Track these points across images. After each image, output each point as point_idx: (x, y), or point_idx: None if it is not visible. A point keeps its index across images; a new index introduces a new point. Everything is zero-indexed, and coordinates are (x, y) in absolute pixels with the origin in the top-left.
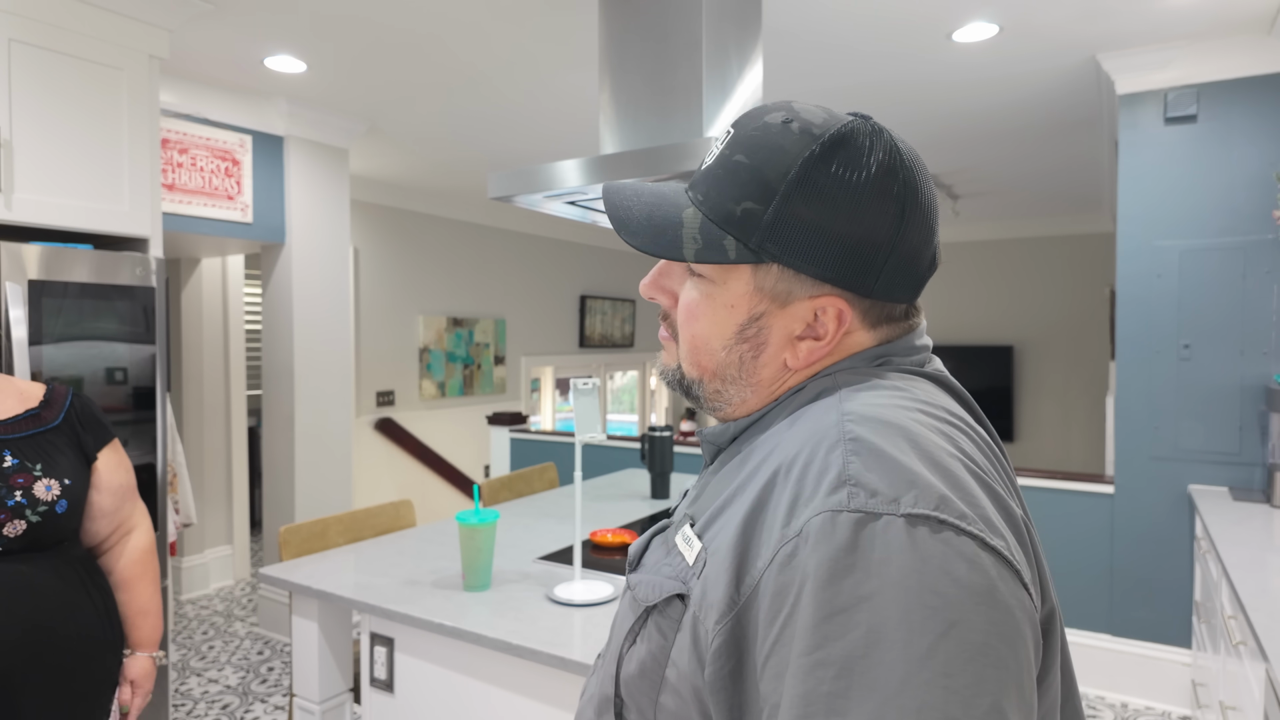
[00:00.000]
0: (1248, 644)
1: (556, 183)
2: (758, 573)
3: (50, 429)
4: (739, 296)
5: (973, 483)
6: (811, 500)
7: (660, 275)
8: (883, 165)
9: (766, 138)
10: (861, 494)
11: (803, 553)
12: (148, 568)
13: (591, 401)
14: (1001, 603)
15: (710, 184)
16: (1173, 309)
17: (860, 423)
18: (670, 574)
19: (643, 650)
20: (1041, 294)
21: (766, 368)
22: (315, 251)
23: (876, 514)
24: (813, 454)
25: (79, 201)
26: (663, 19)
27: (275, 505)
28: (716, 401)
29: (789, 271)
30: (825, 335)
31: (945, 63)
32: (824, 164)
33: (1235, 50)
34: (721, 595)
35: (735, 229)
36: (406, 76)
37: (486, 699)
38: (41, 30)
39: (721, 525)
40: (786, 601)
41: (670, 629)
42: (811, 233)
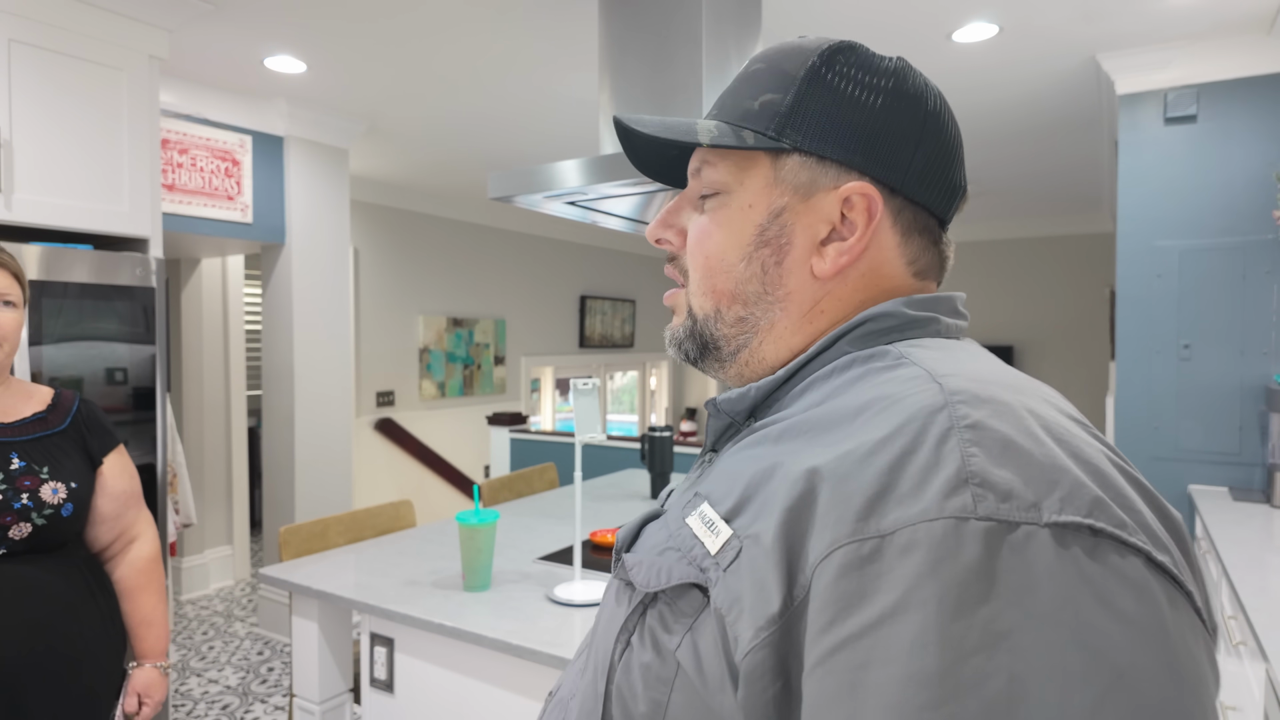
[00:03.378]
0: (1247, 644)
1: (556, 183)
2: (810, 565)
3: (57, 433)
4: (757, 192)
5: (1124, 481)
6: (915, 499)
7: (670, 214)
8: (900, 66)
9: (783, 46)
10: (991, 497)
11: (904, 564)
12: (151, 577)
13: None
14: (1179, 639)
15: (727, 95)
16: (1173, 309)
17: (974, 404)
18: (680, 557)
19: (647, 654)
20: (1041, 294)
21: (792, 275)
22: (315, 252)
23: (1014, 523)
24: (913, 442)
25: (79, 202)
26: (663, 19)
27: (275, 505)
28: (741, 335)
29: (811, 159)
30: (855, 231)
31: (945, 63)
32: (842, 56)
33: (1235, 50)
34: (766, 598)
35: (753, 121)
36: (406, 77)
37: (487, 699)
38: (41, 30)
39: (760, 509)
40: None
41: (680, 625)
42: (834, 116)
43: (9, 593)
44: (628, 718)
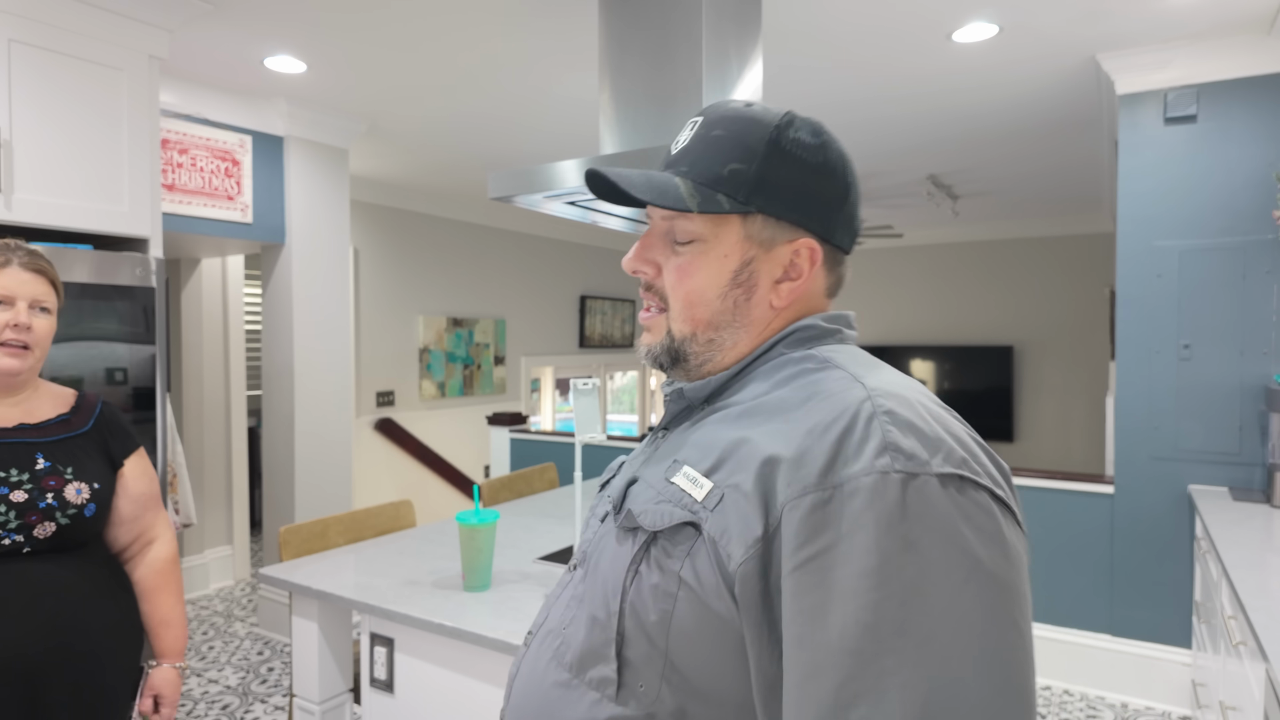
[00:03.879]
0: (1248, 644)
1: (556, 183)
2: (779, 506)
3: (80, 434)
4: (732, 246)
5: (975, 445)
6: (855, 461)
7: (644, 249)
8: (827, 139)
9: (738, 115)
10: (901, 457)
11: (851, 504)
12: (169, 578)
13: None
14: (1010, 539)
15: (694, 157)
16: (1172, 309)
17: (887, 398)
18: (673, 506)
19: (654, 576)
20: (1041, 294)
21: (757, 308)
22: (315, 252)
23: (915, 474)
24: (851, 423)
25: (79, 202)
26: (663, 19)
27: (275, 505)
28: (709, 351)
29: (771, 220)
30: (801, 274)
31: (945, 63)
32: (790, 131)
33: (1235, 50)
34: (749, 526)
35: (725, 186)
36: (406, 76)
37: (487, 699)
38: (41, 30)
39: (735, 467)
40: (825, 534)
41: (679, 552)
42: (788, 186)
43: (32, 590)
44: (640, 625)
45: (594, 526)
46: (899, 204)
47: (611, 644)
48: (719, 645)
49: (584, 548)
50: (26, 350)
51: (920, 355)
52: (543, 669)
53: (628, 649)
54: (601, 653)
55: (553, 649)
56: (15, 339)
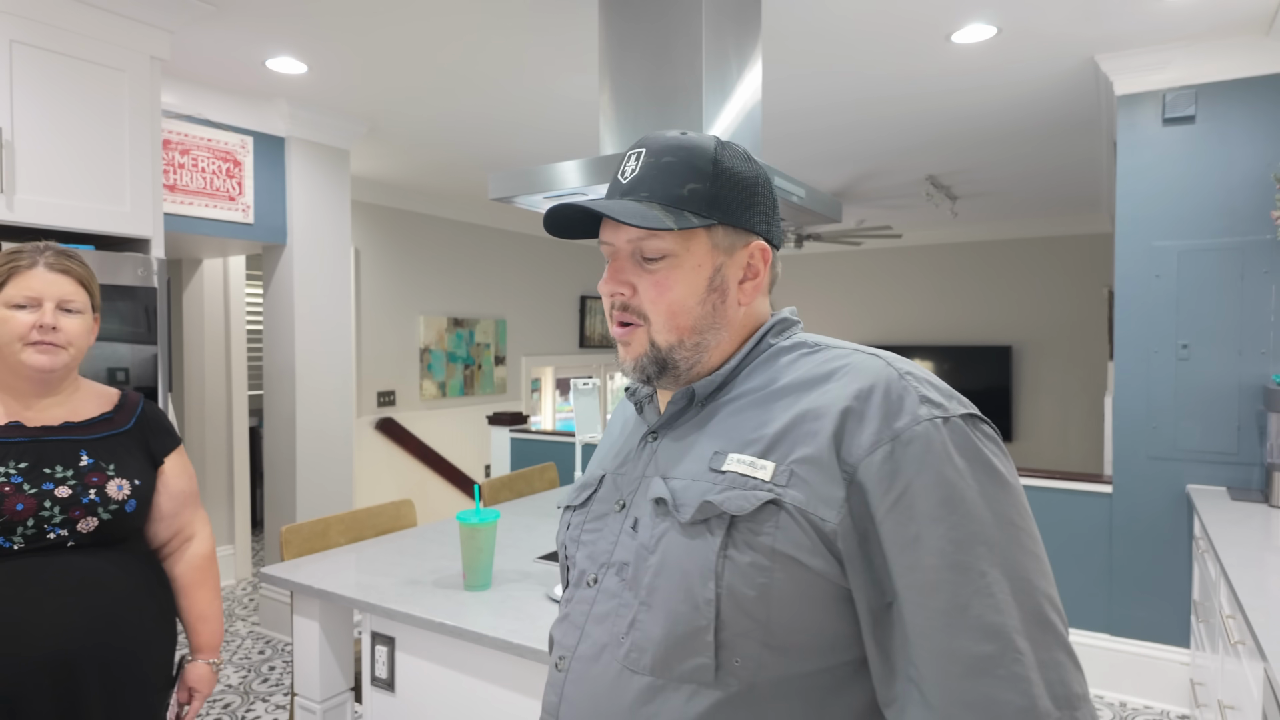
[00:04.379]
0: (1246, 643)
1: (556, 183)
2: (851, 467)
3: (122, 432)
4: (704, 256)
5: None
6: (903, 414)
7: (617, 272)
8: (750, 157)
9: (680, 143)
10: (933, 406)
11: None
12: (208, 574)
13: (591, 401)
14: (1007, 452)
15: (650, 184)
16: (1171, 309)
17: (900, 362)
18: (745, 489)
19: (747, 555)
20: (1040, 294)
21: (730, 308)
22: (316, 252)
23: (947, 417)
24: (888, 386)
25: (81, 202)
26: (663, 19)
27: (276, 505)
28: (696, 354)
29: (730, 228)
30: (758, 272)
31: (944, 64)
32: (725, 151)
33: (1233, 51)
34: (831, 490)
35: (689, 205)
36: (407, 78)
37: (487, 698)
38: (43, 31)
39: (794, 444)
40: (901, 478)
41: (767, 529)
42: (736, 198)
43: (74, 583)
44: (737, 604)
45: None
46: (898, 204)
47: (705, 631)
48: (814, 599)
49: (603, 560)
50: (58, 349)
51: (919, 355)
52: (611, 684)
53: (724, 630)
54: (691, 643)
55: (618, 661)
56: (43, 339)
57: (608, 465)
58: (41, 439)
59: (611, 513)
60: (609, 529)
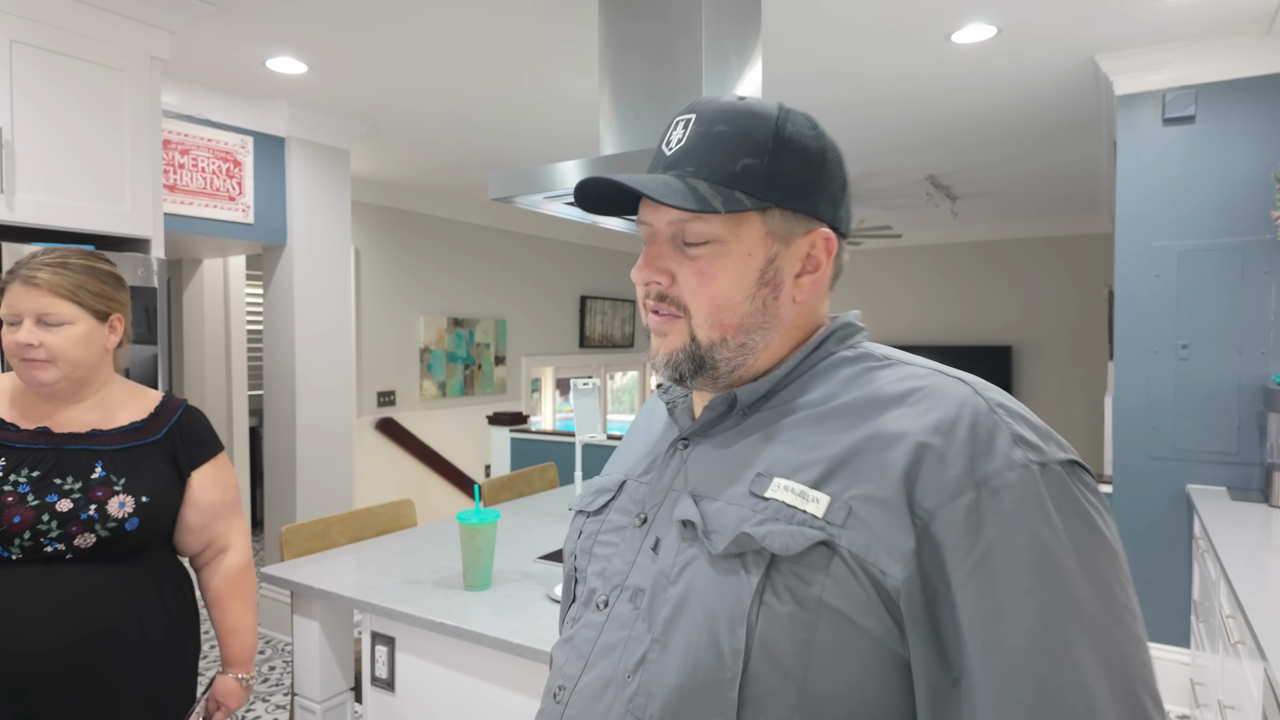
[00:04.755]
0: (1246, 643)
1: (557, 183)
2: (926, 515)
3: (149, 443)
4: (754, 244)
5: None
6: (993, 457)
7: (653, 258)
8: (820, 129)
9: (737, 109)
10: (1029, 449)
11: (1001, 500)
12: (241, 587)
13: (592, 401)
14: (1105, 503)
15: (699, 156)
16: (1171, 309)
17: (988, 390)
18: (792, 524)
19: (788, 605)
20: (1040, 294)
21: (783, 306)
22: (316, 252)
23: (1045, 463)
24: (975, 419)
25: (81, 202)
26: (663, 19)
27: (276, 505)
28: (740, 356)
29: (789, 213)
30: (819, 265)
31: (944, 64)
32: (791, 123)
33: (1233, 51)
34: (898, 538)
35: (740, 184)
36: (408, 78)
37: (487, 698)
38: (43, 31)
39: (855, 476)
40: (985, 534)
41: (815, 576)
42: (799, 178)
43: (70, 593)
44: (770, 659)
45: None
46: (898, 204)
47: (729, 686)
48: (864, 663)
49: (617, 581)
50: (45, 364)
51: (920, 355)
52: None
53: (751, 687)
54: (710, 698)
55: (623, 703)
56: (27, 357)
57: (630, 470)
58: (62, 447)
59: (630, 526)
60: (627, 545)
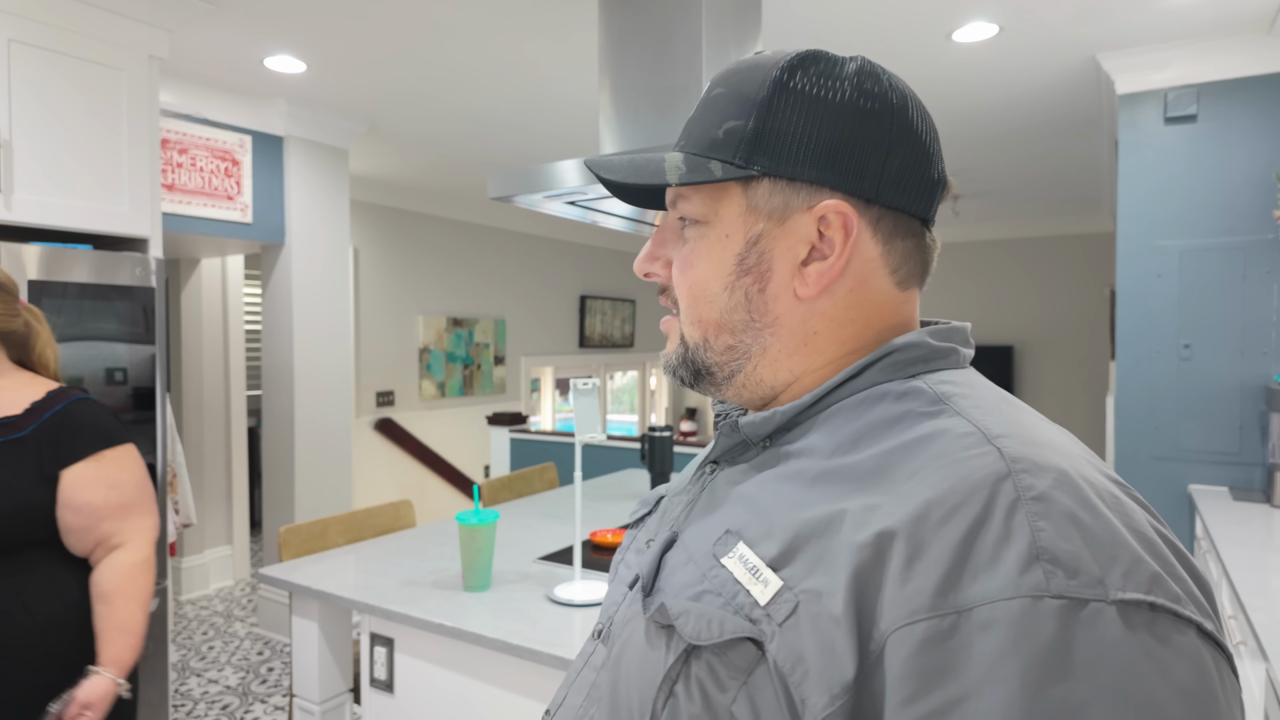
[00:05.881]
0: (1248, 644)
1: (556, 183)
2: (881, 637)
3: (12, 440)
4: (733, 222)
5: (1169, 551)
6: (991, 575)
7: (655, 246)
8: (862, 70)
9: (741, 66)
10: (1060, 574)
11: (983, 641)
12: (130, 584)
13: (591, 401)
14: (1226, 706)
15: (692, 125)
16: (1173, 309)
17: (1038, 474)
18: (723, 604)
19: (695, 706)
20: (1041, 294)
21: (778, 300)
22: (315, 252)
23: (1083, 600)
24: (985, 511)
25: (79, 202)
26: (663, 19)
27: (275, 505)
28: (732, 360)
29: (781, 182)
30: (833, 250)
31: (945, 62)
32: (799, 70)
33: (1235, 50)
34: (837, 662)
35: (720, 150)
36: (406, 77)
37: (487, 699)
38: (41, 30)
39: (816, 561)
40: (946, 684)
41: (734, 682)
42: (798, 136)
43: None
44: None
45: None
46: None
47: None
48: None
49: (610, 613)
50: None
51: None
52: None
53: None
54: None
55: None
56: None
57: (672, 485)
58: None
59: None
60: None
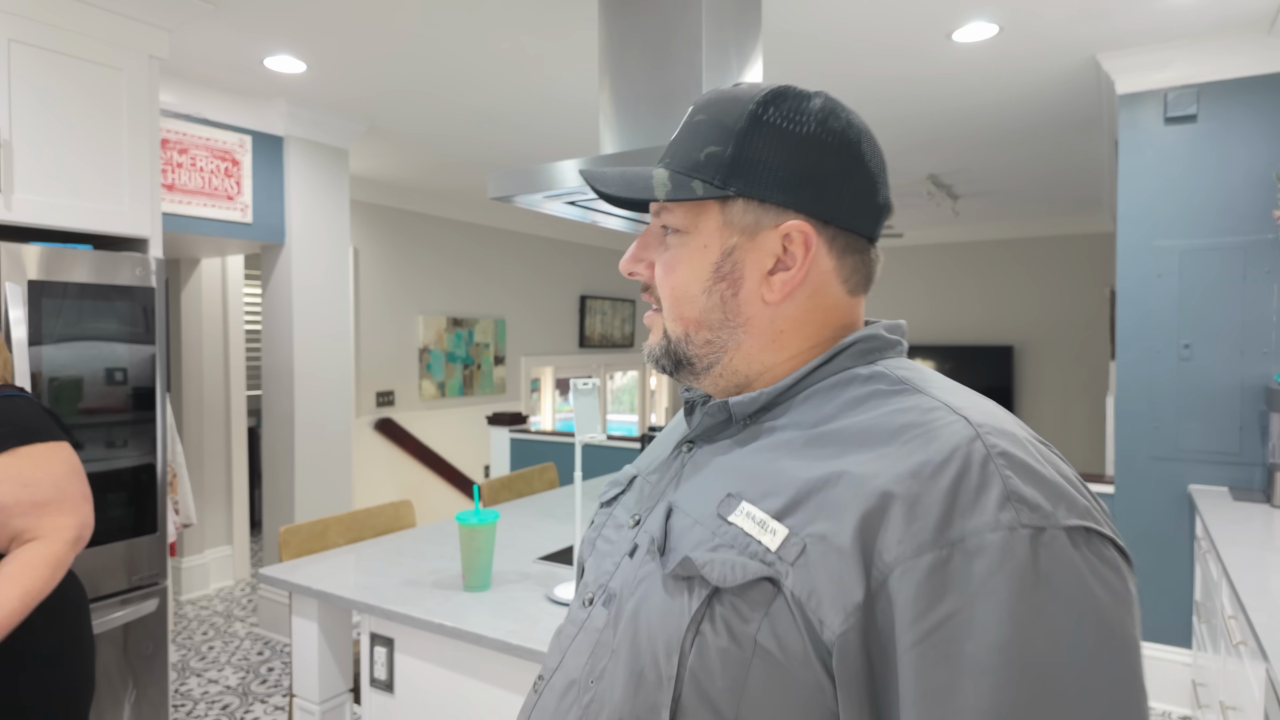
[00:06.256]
0: (1248, 644)
1: (556, 183)
2: (885, 568)
3: None
4: (711, 234)
5: (1083, 485)
6: (975, 513)
7: (639, 249)
8: (825, 108)
9: (720, 96)
10: (1026, 509)
11: (976, 564)
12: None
13: (591, 401)
14: (1133, 598)
15: (676, 146)
16: (1173, 309)
17: (997, 435)
18: (739, 554)
19: (722, 640)
20: (1041, 294)
21: (748, 304)
22: (315, 252)
23: (1043, 528)
24: (965, 466)
25: (79, 202)
26: (663, 19)
27: (275, 505)
28: (710, 353)
29: (753, 203)
30: (795, 263)
31: (945, 63)
32: (772, 105)
33: (1235, 50)
34: (847, 588)
35: (701, 171)
36: (406, 76)
37: (487, 699)
38: (41, 30)
39: (819, 511)
40: (947, 601)
41: (754, 614)
42: (769, 163)
43: None
44: (701, 693)
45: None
46: (899, 204)
47: (663, 710)
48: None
49: (603, 581)
50: None
51: (920, 355)
52: None
53: (683, 717)
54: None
55: (581, 706)
56: None
57: (644, 466)
58: None
59: (627, 526)
60: (619, 545)
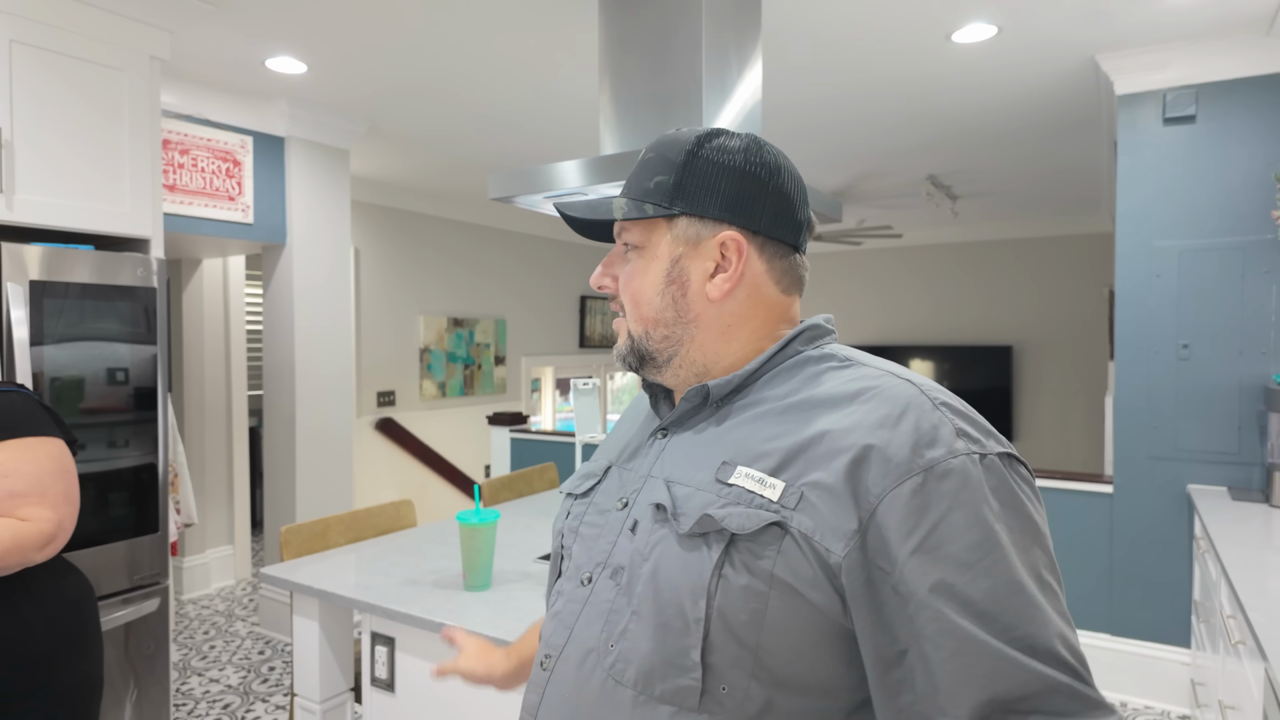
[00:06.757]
0: (1247, 643)
1: (556, 183)
2: (875, 497)
3: None
4: (662, 247)
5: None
6: (937, 444)
7: (606, 266)
8: (748, 145)
9: (666, 138)
10: (970, 441)
11: (945, 484)
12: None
13: (591, 401)
14: (1040, 500)
15: (631, 179)
16: (1172, 309)
17: (935, 391)
18: (749, 506)
19: (743, 578)
20: (1041, 294)
21: (695, 302)
22: (316, 252)
23: (984, 454)
24: (920, 414)
25: (80, 202)
26: (663, 19)
27: (276, 505)
28: (669, 347)
29: (695, 219)
30: (730, 266)
31: (945, 63)
32: (708, 141)
33: (1234, 51)
34: (843, 520)
35: (651, 196)
36: (407, 77)
37: (487, 698)
38: (42, 31)
39: (810, 464)
40: (930, 514)
41: (768, 552)
42: (706, 187)
43: None
44: (727, 628)
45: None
46: (899, 204)
47: (692, 651)
48: (811, 633)
49: (600, 560)
50: None
51: (920, 355)
52: (593, 692)
53: (711, 654)
54: (677, 663)
55: (604, 669)
56: None
57: (615, 457)
58: None
59: (614, 509)
60: (610, 527)
